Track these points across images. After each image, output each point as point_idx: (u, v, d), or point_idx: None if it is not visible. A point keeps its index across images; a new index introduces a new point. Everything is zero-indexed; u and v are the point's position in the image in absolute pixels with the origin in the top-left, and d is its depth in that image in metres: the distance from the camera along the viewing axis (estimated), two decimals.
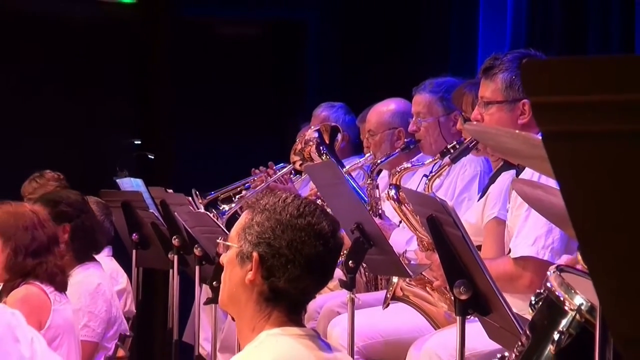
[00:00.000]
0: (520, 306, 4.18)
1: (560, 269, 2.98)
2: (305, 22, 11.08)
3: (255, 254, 3.47)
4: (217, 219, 6.67)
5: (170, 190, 7.25)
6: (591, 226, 1.80)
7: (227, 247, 3.64)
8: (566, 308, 2.86)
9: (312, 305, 6.72)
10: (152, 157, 10.59)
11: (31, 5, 10.87)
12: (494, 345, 4.17)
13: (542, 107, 1.76)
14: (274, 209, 3.50)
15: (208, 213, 6.49)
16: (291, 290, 3.48)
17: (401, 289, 5.55)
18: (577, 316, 2.82)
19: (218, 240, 4.46)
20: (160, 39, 10.96)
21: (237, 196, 7.90)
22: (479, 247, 5.55)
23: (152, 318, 8.71)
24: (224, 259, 3.65)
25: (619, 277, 1.81)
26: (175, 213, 6.72)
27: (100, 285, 6.52)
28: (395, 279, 5.61)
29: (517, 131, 4.02)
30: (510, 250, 5.18)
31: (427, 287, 5.54)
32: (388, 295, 5.67)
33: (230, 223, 5.95)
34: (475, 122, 5.54)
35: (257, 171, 7.98)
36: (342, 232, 4.92)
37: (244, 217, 3.60)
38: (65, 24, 10.97)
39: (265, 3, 11.09)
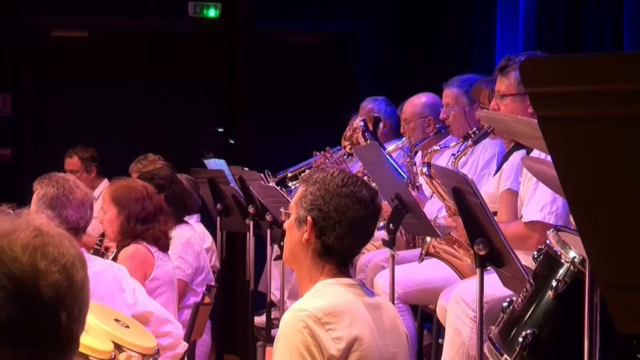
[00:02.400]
0: (529, 261, 4.17)
1: (557, 229, 2.97)
2: (357, 32, 11.07)
3: (309, 218, 3.49)
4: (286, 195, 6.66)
5: (246, 169, 7.26)
6: (578, 193, 1.79)
7: (288, 215, 3.65)
8: (562, 260, 2.86)
9: (361, 261, 6.74)
10: (233, 142, 10.63)
11: (139, 23, 10.94)
12: (507, 292, 4.15)
13: (537, 96, 1.76)
14: (323, 181, 3.52)
15: (276, 186, 6.50)
16: (339, 246, 3.49)
17: (433, 246, 5.54)
18: (571, 267, 2.81)
19: (281, 209, 4.48)
20: (239, 47, 10.97)
21: (301, 175, 7.90)
22: (495, 213, 5.54)
23: (233, 272, 8.73)
24: (286, 224, 3.66)
25: (600, 235, 1.80)
26: (250, 187, 6.74)
27: (190, 239, 6.58)
28: (428, 239, 5.60)
29: (519, 116, 3.99)
30: (521, 215, 5.17)
31: (454, 245, 5.53)
32: (423, 252, 5.68)
33: None
34: (485, 110, 5.56)
35: (317, 153, 7.97)
36: (383, 201, 4.92)
37: (300, 190, 3.62)
38: (165, 36, 11.02)
39: (325, 17, 11.05)
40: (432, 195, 6.30)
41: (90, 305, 3.84)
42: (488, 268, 4.18)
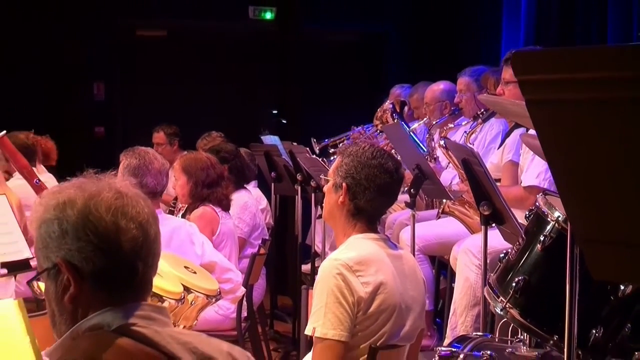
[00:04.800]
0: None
1: (545, 193, 2.96)
2: (387, 32, 11.05)
3: (344, 184, 3.50)
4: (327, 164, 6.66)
5: (295, 143, 7.27)
6: (558, 163, 1.78)
7: (327, 181, 3.65)
8: (549, 219, 2.84)
9: (389, 219, 6.74)
10: (285, 122, 10.65)
11: (209, 24, 10.96)
12: (507, 245, 4.14)
13: (524, 82, 1.74)
14: (356, 154, 3.52)
15: (318, 158, 6.50)
16: (368, 208, 3.50)
17: (448, 207, 5.52)
18: (556, 225, 2.80)
19: (321, 176, 4.48)
20: (290, 44, 10.97)
21: (340, 144, 7.88)
22: (499, 180, 5.52)
23: (284, 228, 8.74)
24: (325, 189, 3.67)
25: (577, 198, 1.79)
26: (298, 158, 6.74)
27: (247, 202, 6.60)
28: (444, 201, 5.59)
29: (513, 100, 3.97)
30: (521, 181, 5.15)
31: (465, 206, 5.51)
32: (439, 211, 5.67)
33: None
34: (486, 95, 5.55)
35: (354, 127, 7.95)
36: (406, 171, 4.89)
37: (337, 160, 3.62)
38: (230, 35, 11.04)
39: (360, 20, 11.05)
40: (448, 165, 6.28)
41: (164, 254, 3.89)
42: (492, 225, 4.19)
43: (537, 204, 2.91)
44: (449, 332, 5.27)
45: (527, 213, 3.05)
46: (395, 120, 6.82)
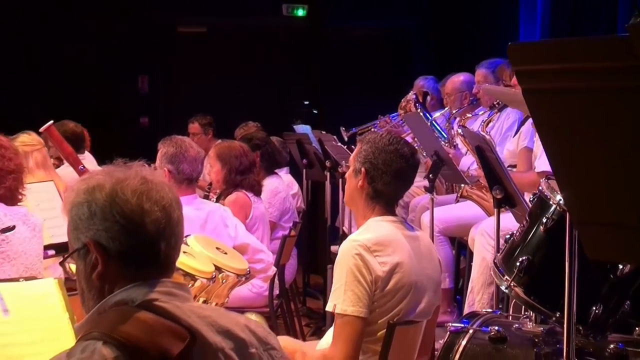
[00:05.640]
0: None
1: (548, 177, 2.93)
2: (409, 28, 11.03)
3: (363, 169, 3.50)
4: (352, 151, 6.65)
5: (324, 132, 7.27)
6: (553, 147, 1.77)
7: (348, 167, 3.65)
8: (551, 202, 2.82)
9: (412, 203, 6.72)
10: (316, 112, 10.66)
11: (245, 21, 10.99)
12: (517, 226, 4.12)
13: (520, 72, 1.74)
14: (374, 141, 3.52)
15: (343, 146, 6.50)
16: (385, 191, 3.49)
17: (466, 191, 5.52)
18: (558, 207, 2.78)
19: (341, 162, 4.48)
20: (321, 39, 10.99)
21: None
22: (515, 166, 5.49)
23: (315, 211, 8.75)
24: (346, 174, 3.66)
25: (571, 181, 1.78)
26: (326, 146, 6.74)
27: (277, 187, 6.61)
28: (462, 185, 5.57)
29: (513, 90, 3.95)
30: (535, 167, 5.12)
31: (482, 190, 5.50)
32: (458, 195, 5.65)
33: None
34: (487, 85, 5.52)
35: (381, 117, 7.92)
36: (426, 158, 4.86)
37: (357, 147, 3.61)
38: (264, 30, 11.07)
39: (384, 16, 11.05)
40: (467, 152, 6.25)
41: (197, 237, 3.91)
42: (505, 208, 4.16)
43: (540, 187, 2.89)
44: (466, 309, 5.26)
45: (531, 197, 3.03)
46: (419, 110, 6.80)
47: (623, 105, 1.57)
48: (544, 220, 2.81)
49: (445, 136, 6.60)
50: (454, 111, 6.78)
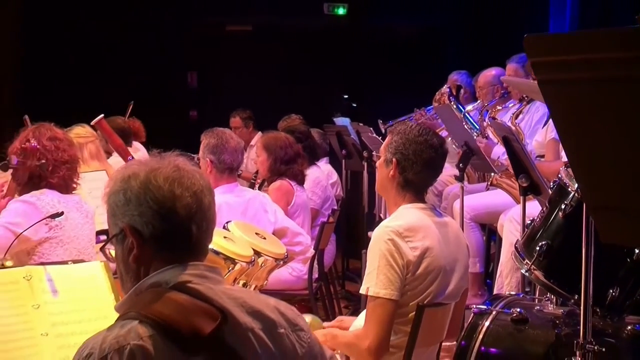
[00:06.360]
0: None
1: (567, 165, 2.89)
2: (446, 25, 10.97)
3: (394, 159, 3.47)
4: None
5: (361, 124, 7.25)
6: (568, 136, 1.74)
7: (379, 157, 3.63)
8: (569, 190, 2.78)
9: (446, 191, 6.69)
10: (355, 105, 10.65)
11: (288, 19, 11.01)
12: None
13: (536, 64, 1.71)
14: (404, 132, 3.49)
15: (378, 137, 6.47)
16: (416, 180, 3.46)
17: (496, 179, 5.45)
18: (576, 194, 2.74)
19: (373, 153, 4.46)
20: (360, 36, 10.98)
21: None
22: (543, 156, 5.42)
23: (353, 199, 8.73)
24: (377, 164, 3.64)
25: (585, 168, 1.75)
26: (363, 138, 6.72)
27: (318, 177, 6.61)
28: (492, 174, 5.52)
29: (527, 80, 3.90)
30: (562, 157, 5.05)
31: (511, 178, 5.43)
32: (488, 184, 5.59)
33: None
34: (507, 77, 5.45)
35: (416, 110, 7.88)
36: (457, 149, 4.82)
37: (387, 138, 3.58)
38: (307, 28, 11.07)
39: (421, 14, 11.02)
40: (498, 142, 6.20)
41: (237, 223, 3.91)
42: (531, 195, 4.12)
43: (559, 175, 2.85)
44: (496, 292, 5.22)
45: (551, 184, 2.99)
46: (452, 103, 6.74)
47: (636, 95, 1.54)
48: (563, 206, 2.78)
49: (478, 127, 6.54)
50: (485, 104, 6.72)
